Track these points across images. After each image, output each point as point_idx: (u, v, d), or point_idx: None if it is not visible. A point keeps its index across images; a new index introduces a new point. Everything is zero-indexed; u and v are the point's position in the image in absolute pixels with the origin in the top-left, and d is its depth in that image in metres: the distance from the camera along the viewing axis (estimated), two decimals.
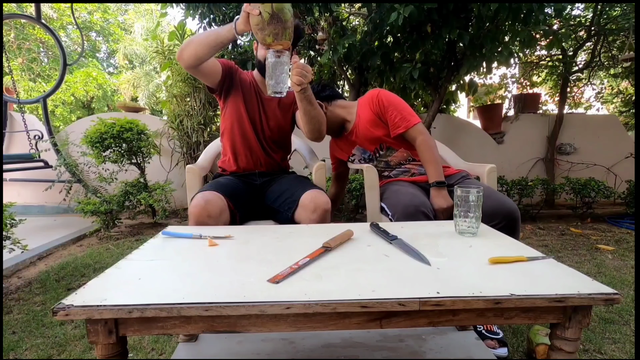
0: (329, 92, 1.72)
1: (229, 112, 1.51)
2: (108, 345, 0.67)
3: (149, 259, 0.85)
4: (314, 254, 0.85)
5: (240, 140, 1.52)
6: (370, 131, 1.60)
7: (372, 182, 1.58)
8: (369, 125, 1.60)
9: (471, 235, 1.00)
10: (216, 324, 0.67)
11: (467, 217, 0.99)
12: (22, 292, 1.82)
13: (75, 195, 3.19)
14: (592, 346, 1.34)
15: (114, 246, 2.56)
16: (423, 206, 1.33)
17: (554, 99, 5.76)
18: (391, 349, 1.12)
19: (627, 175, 3.70)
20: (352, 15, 3.97)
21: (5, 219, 1.81)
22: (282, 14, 1.08)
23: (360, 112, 1.64)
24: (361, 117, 1.63)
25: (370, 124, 1.60)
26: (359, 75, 3.42)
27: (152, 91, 11.09)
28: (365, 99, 1.64)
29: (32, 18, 3.86)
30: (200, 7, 3.03)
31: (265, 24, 1.08)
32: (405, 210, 1.30)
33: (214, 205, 1.24)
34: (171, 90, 3.39)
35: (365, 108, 1.62)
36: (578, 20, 4.05)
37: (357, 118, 1.65)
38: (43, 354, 1.32)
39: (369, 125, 1.60)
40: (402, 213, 1.31)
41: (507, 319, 0.70)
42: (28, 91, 8.91)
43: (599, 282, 0.69)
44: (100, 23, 12.30)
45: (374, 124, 1.59)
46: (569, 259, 2.26)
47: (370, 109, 1.59)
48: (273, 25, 1.09)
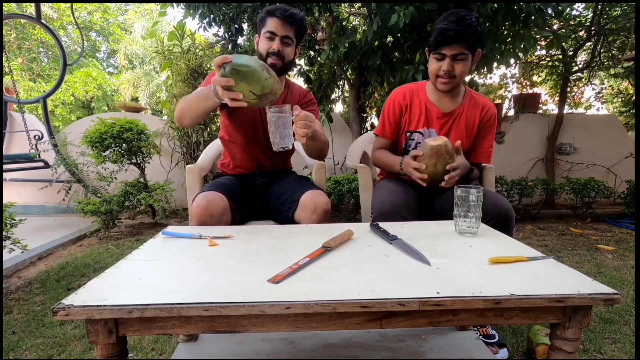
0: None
1: (227, 116, 1.48)
2: (108, 345, 0.67)
3: (149, 259, 0.85)
4: (314, 254, 0.85)
5: (240, 144, 1.49)
6: (470, 131, 1.45)
7: (366, 182, 1.58)
8: (472, 126, 1.45)
9: (471, 235, 1.00)
10: (216, 324, 0.67)
11: (467, 217, 0.99)
12: (22, 292, 1.82)
13: (75, 195, 3.19)
14: (592, 346, 1.34)
15: (114, 246, 2.56)
16: (402, 205, 1.28)
17: (554, 99, 5.77)
18: (391, 349, 1.12)
19: (627, 175, 3.70)
20: (352, 15, 3.97)
21: (5, 219, 1.81)
22: (265, 89, 1.05)
23: (468, 103, 1.45)
24: (469, 108, 1.44)
25: (472, 125, 1.45)
26: (359, 75, 3.42)
27: (152, 91, 11.09)
28: (475, 95, 1.48)
29: (32, 18, 3.86)
30: (200, 7, 3.03)
31: (257, 104, 1.07)
32: (382, 209, 1.27)
33: (216, 205, 1.24)
34: (171, 90, 3.39)
35: (476, 107, 1.45)
36: (578, 20, 4.05)
37: (466, 105, 1.44)
38: (43, 354, 1.32)
39: (472, 125, 1.45)
40: (379, 211, 1.28)
41: (507, 319, 0.70)
42: (28, 91, 8.90)
43: (599, 282, 0.69)
44: (100, 23, 12.29)
45: (472, 127, 1.45)
46: (569, 259, 2.26)
47: (478, 113, 1.44)
48: (263, 100, 1.08)
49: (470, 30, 1.24)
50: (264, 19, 1.39)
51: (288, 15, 1.36)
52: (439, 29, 1.26)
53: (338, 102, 4.83)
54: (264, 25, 1.38)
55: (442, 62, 1.31)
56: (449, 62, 1.30)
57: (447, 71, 1.31)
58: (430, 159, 1.18)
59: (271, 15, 1.36)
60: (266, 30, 1.37)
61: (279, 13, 1.35)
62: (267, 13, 1.38)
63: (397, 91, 1.51)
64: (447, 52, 1.29)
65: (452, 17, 1.25)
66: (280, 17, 1.35)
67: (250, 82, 1.05)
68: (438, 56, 1.32)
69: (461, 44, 1.26)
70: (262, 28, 1.40)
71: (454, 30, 1.24)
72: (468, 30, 1.24)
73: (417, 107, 1.47)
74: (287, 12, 1.36)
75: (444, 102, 1.45)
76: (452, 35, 1.25)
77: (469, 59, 1.31)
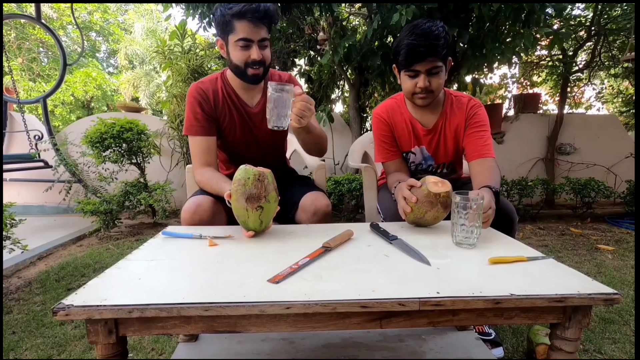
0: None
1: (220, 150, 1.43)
2: (108, 345, 0.67)
3: (149, 259, 0.85)
4: (314, 254, 0.85)
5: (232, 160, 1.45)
6: (458, 136, 1.37)
7: (370, 183, 1.58)
8: (459, 130, 1.37)
9: (469, 247, 0.90)
10: (216, 324, 0.67)
11: (466, 227, 0.90)
12: (22, 292, 1.82)
13: (75, 195, 3.19)
14: (592, 346, 1.34)
15: (114, 246, 2.56)
16: None
17: (554, 99, 5.77)
18: (391, 349, 1.12)
19: (627, 175, 3.70)
20: (352, 15, 3.98)
21: (5, 219, 1.81)
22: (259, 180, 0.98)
23: (450, 109, 1.37)
24: (451, 114, 1.37)
25: (458, 130, 1.37)
26: (359, 76, 3.42)
27: (152, 91, 11.10)
28: (457, 95, 1.40)
29: (32, 18, 3.86)
30: (200, 7, 3.03)
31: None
32: (395, 217, 1.24)
33: (205, 208, 1.19)
34: (171, 90, 3.39)
35: (459, 110, 1.37)
36: (578, 20, 4.05)
37: (447, 112, 1.37)
38: (43, 354, 1.32)
39: (458, 130, 1.37)
40: (392, 219, 1.26)
41: (507, 319, 0.70)
42: (28, 91, 8.90)
43: (599, 282, 0.69)
44: (100, 23, 12.30)
45: (459, 132, 1.37)
46: (569, 259, 2.26)
47: (463, 115, 1.36)
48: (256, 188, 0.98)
49: (440, 42, 1.17)
50: (229, 23, 1.18)
51: (262, 15, 1.17)
52: (408, 46, 1.18)
53: (338, 102, 4.84)
54: (233, 30, 1.18)
55: (417, 79, 1.24)
56: (424, 78, 1.22)
57: (423, 88, 1.24)
58: (423, 204, 1.04)
59: (240, 18, 1.16)
60: (238, 38, 1.19)
61: (250, 15, 1.16)
62: (235, 16, 1.16)
63: (377, 111, 1.44)
64: (421, 68, 1.21)
65: (417, 31, 1.18)
66: (253, 19, 1.16)
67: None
68: (411, 73, 1.24)
69: (434, 58, 1.20)
70: (229, 34, 1.20)
71: (425, 45, 1.17)
72: (438, 42, 1.17)
73: (401, 125, 1.40)
74: (259, 10, 1.16)
75: (426, 117, 1.38)
76: (424, 51, 1.18)
77: (443, 70, 1.24)
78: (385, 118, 1.41)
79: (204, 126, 1.31)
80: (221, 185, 1.16)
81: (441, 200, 1.03)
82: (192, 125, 1.31)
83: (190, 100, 1.31)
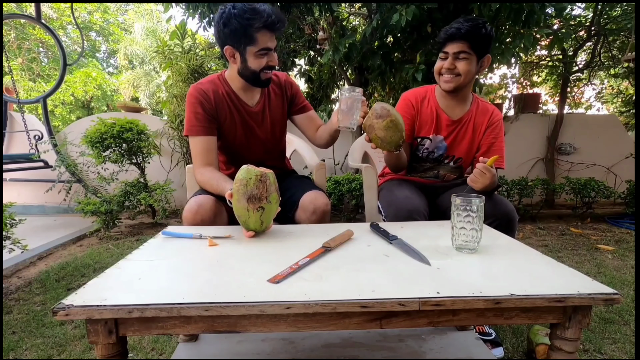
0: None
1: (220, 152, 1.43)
2: (108, 345, 0.67)
3: (149, 259, 0.85)
4: (314, 254, 0.85)
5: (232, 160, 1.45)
6: (476, 137, 1.45)
7: (370, 182, 1.58)
8: (478, 132, 1.44)
9: (470, 252, 0.87)
10: (216, 324, 0.67)
11: (466, 230, 0.86)
12: (22, 292, 1.82)
13: (75, 195, 3.19)
14: (592, 346, 1.34)
15: (114, 246, 2.56)
16: (416, 211, 1.28)
17: (554, 99, 5.78)
18: (391, 349, 1.12)
19: (627, 175, 3.70)
20: (352, 15, 3.98)
21: (5, 219, 1.81)
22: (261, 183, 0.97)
23: (476, 110, 1.45)
24: (477, 114, 1.45)
25: (478, 131, 1.44)
26: (359, 75, 3.42)
27: (152, 91, 11.10)
28: (483, 102, 1.49)
29: (32, 18, 3.86)
30: (200, 7, 3.03)
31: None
32: (398, 214, 1.28)
33: (207, 208, 1.19)
34: (171, 90, 3.39)
35: (483, 115, 1.44)
36: (578, 20, 4.05)
37: (474, 111, 1.45)
38: (43, 354, 1.32)
39: (478, 131, 1.44)
40: (394, 216, 1.29)
41: (507, 319, 0.70)
42: (28, 91, 8.91)
43: (599, 282, 0.69)
44: (100, 23, 12.30)
45: (478, 133, 1.45)
46: (569, 259, 2.26)
47: (486, 120, 1.44)
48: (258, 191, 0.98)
49: (473, 29, 1.25)
50: (249, 34, 1.19)
51: (281, 25, 1.21)
52: (449, 27, 1.30)
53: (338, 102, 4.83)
54: (253, 42, 1.20)
55: (445, 61, 1.33)
56: (450, 60, 1.31)
57: (448, 69, 1.32)
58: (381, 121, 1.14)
59: (261, 30, 1.19)
60: (259, 49, 1.21)
61: (271, 26, 1.19)
62: (258, 29, 1.18)
63: (406, 95, 1.51)
64: (450, 49, 1.30)
65: (460, 19, 1.29)
66: (273, 29, 1.20)
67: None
68: (442, 55, 1.34)
69: (463, 42, 1.27)
70: (248, 45, 1.21)
71: (457, 27, 1.26)
72: (472, 29, 1.25)
73: (427, 113, 1.46)
74: (278, 21, 1.20)
75: (453, 109, 1.44)
76: (454, 32, 1.27)
77: (473, 59, 1.30)
78: (413, 102, 1.48)
79: (204, 126, 1.31)
80: (222, 185, 1.16)
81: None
82: (193, 125, 1.31)
83: (191, 101, 1.31)
